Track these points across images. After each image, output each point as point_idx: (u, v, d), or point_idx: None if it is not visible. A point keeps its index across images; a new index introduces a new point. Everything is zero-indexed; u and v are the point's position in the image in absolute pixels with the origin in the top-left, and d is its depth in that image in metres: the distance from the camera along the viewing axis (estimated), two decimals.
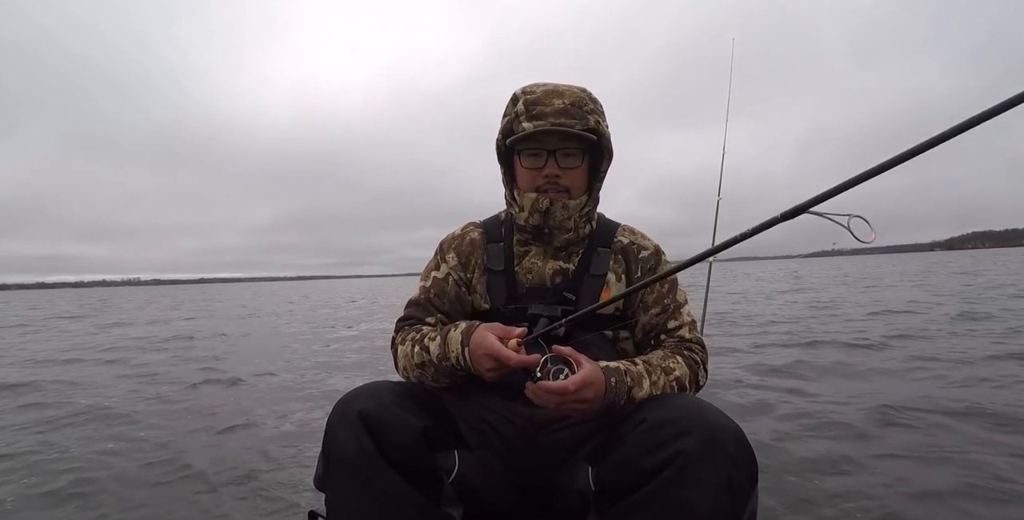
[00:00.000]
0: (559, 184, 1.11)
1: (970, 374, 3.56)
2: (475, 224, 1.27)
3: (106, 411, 3.45)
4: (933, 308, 7.68)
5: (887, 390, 3.25)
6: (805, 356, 4.50)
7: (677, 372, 1.02)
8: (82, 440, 2.83)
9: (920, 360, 4.09)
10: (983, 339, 4.91)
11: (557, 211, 1.11)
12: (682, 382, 1.02)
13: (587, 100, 1.10)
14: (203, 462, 2.42)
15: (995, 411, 2.68)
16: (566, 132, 1.06)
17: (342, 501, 0.81)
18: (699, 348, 1.12)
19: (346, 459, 0.80)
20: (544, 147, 1.09)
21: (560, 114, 1.06)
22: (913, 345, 4.78)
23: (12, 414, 3.48)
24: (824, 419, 2.71)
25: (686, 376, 1.03)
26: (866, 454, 2.25)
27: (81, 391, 4.18)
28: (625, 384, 0.94)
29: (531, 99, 1.08)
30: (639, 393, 0.95)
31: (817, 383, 3.59)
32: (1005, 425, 2.50)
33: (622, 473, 0.81)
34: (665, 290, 1.16)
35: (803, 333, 5.88)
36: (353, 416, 0.81)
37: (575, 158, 1.11)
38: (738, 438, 0.77)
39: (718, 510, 0.72)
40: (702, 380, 1.09)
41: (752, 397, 3.23)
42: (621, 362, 0.99)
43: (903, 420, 2.64)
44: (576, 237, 1.17)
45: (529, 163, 1.12)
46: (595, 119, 1.09)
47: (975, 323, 5.95)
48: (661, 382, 0.99)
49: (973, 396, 2.99)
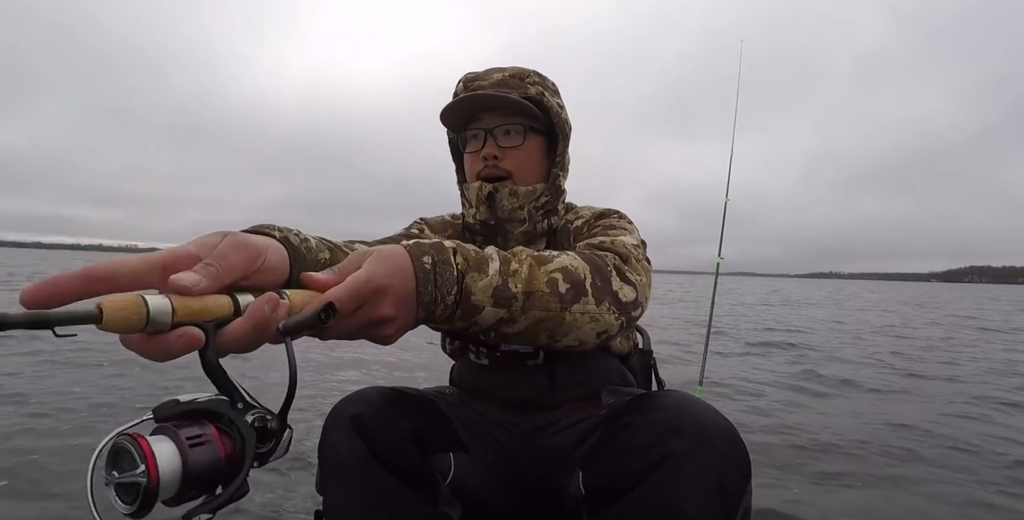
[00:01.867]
0: (499, 167, 0.94)
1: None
2: (421, 222, 1.07)
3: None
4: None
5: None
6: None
7: (566, 262, 0.67)
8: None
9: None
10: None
11: (504, 198, 0.94)
12: (574, 275, 0.66)
13: (532, 74, 0.96)
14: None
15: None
16: (493, 96, 0.91)
17: (339, 503, 0.79)
18: (613, 256, 0.75)
19: (340, 462, 0.78)
20: (482, 126, 0.95)
21: (497, 85, 0.94)
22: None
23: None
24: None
25: (582, 269, 0.68)
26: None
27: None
28: (451, 266, 0.58)
29: (471, 75, 0.98)
30: (478, 282, 0.59)
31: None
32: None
33: (611, 476, 0.74)
34: (596, 232, 0.91)
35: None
36: (345, 421, 0.79)
37: (516, 136, 0.94)
38: (730, 436, 0.69)
39: (709, 511, 0.65)
40: (619, 287, 0.71)
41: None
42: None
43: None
44: (534, 231, 0.98)
45: (470, 147, 0.97)
46: (537, 90, 0.95)
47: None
48: (526, 271, 0.63)
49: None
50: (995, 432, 2.85)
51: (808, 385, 4.02)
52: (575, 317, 0.66)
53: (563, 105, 1.00)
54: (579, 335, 0.67)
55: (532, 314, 0.63)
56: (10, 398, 2.86)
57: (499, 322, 0.62)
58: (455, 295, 0.58)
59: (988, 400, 3.60)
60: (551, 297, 0.64)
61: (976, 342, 7.20)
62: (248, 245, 0.49)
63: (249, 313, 0.43)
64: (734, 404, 3.34)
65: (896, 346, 6.49)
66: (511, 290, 0.62)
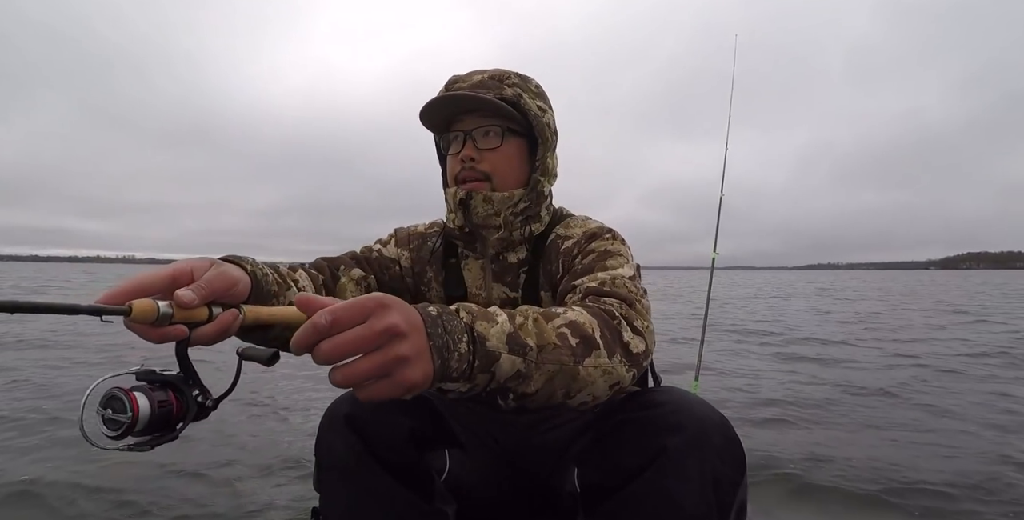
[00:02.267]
0: (477, 170, 0.93)
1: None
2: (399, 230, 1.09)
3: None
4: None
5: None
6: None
7: (571, 317, 0.67)
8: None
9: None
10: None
11: (478, 205, 0.92)
12: (582, 330, 0.66)
13: (512, 76, 0.95)
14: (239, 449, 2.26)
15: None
16: (467, 97, 0.91)
17: (335, 500, 0.81)
18: (618, 302, 0.76)
19: (336, 460, 0.80)
20: (461, 129, 0.95)
21: (476, 86, 0.93)
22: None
23: None
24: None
25: (589, 324, 0.67)
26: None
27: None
28: (456, 317, 0.57)
29: (454, 77, 0.97)
30: (489, 329, 0.58)
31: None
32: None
33: (607, 472, 0.76)
34: (587, 261, 0.89)
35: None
36: (340, 420, 0.80)
37: (494, 138, 0.93)
38: (724, 430, 0.71)
39: (704, 504, 0.67)
40: (630, 339, 0.71)
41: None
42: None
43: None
44: (511, 238, 0.96)
45: (451, 150, 0.97)
46: (515, 92, 0.93)
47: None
48: (531, 324, 0.62)
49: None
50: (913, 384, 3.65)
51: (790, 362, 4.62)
52: (588, 371, 0.64)
53: (547, 108, 0.98)
54: (593, 390, 0.66)
55: (547, 368, 0.61)
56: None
57: (517, 377, 0.60)
58: (468, 343, 0.56)
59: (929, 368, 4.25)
60: (564, 350, 0.63)
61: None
62: (228, 276, 0.62)
63: (217, 321, 0.59)
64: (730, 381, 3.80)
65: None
66: (524, 339, 0.60)
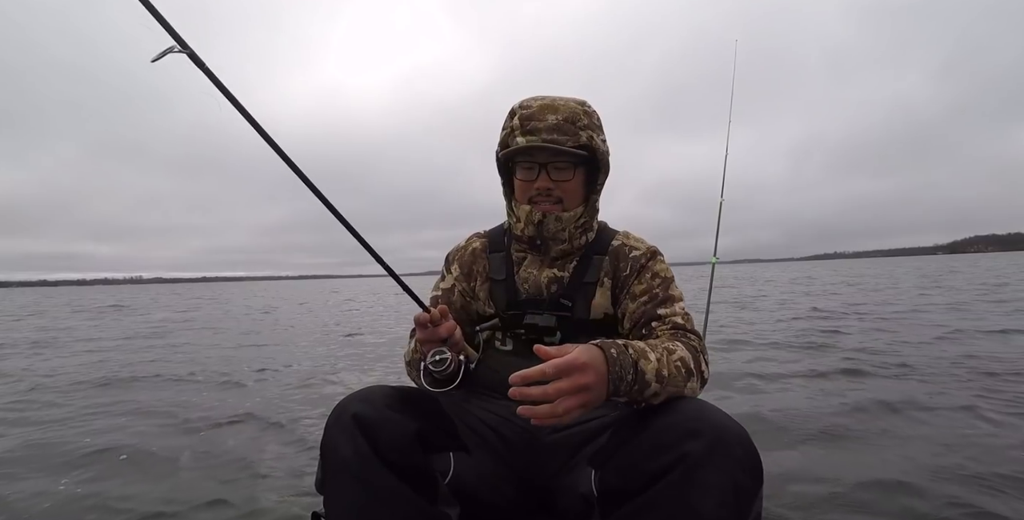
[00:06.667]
0: (552, 196, 1.14)
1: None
2: (479, 235, 1.32)
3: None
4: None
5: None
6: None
7: (680, 353, 0.92)
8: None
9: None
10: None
11: (550, 223, 1.14)
12: (688, 364, 0.91)
13: (581, 115, 1.11)
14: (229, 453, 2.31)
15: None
16: (556, 149, 1.08)
17: (340, 501, 0.82)
18: (697, 338, 1.02)
19: (342, 461, 0.81)
20: (536, 161, 1.12)
21: (552, 130, 1.08)
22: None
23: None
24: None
25: (690, 360, 0.92)
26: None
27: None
28: (628, 355, 0.84)
29: (526, 114, 1.10)
30: (647, 365, 0.85)
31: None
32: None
33: (626, 476, 0.78)
34: (656, 283, 1.13)
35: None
36: (348, 420, 0.83)
37: (567, 171, 1.12)
38: (743, 440, 0.74)
39: (724, 513, 0.69)
40: (705, 372, 0.97)
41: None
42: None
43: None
44: (571, 247, 1.18)
45: (523, 176, 1.15)
46: (587, 135, 1.11)
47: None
48: (664, 359, 0.89)
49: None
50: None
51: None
52: (685, 391, 0.90)
53: (605, 139, 1.17)
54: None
55: (668, 389, 0.88)
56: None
57: (654, 395, 0.86)
58: (632, 375, 0.83)
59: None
60: (679, 378, 0.90)
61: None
62: (453, 327, 1.05)
63: (445, 326, 1.03)
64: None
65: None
66: (662, 371, 0.87)
